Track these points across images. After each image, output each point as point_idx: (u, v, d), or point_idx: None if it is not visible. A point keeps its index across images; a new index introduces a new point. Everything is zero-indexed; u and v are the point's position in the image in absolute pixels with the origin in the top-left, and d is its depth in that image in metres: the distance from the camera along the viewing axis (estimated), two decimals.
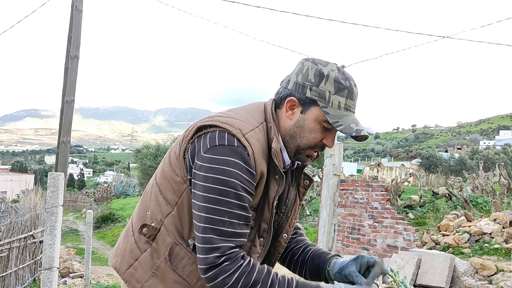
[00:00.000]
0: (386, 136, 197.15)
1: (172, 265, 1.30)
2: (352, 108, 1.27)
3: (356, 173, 43.40)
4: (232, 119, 1.26)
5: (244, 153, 1.20)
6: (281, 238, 1.43)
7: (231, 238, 1.18)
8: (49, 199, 2.89)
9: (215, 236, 1.16)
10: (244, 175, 1.19)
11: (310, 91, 1.26)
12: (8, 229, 6.77)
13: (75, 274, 8.01)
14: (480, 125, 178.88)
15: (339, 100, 1.25)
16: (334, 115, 1.24)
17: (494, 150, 36.80)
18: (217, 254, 1.16)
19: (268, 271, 1.20)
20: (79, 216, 28.64)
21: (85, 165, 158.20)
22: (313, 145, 1.31)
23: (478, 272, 5.91)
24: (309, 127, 1.28)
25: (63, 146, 8.69)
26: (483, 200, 12.20)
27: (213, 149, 1.19)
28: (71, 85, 8.82)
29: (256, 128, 1.27)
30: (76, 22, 8.85)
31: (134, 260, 1.36)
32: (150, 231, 1.33)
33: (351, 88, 1.27)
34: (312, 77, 1.26)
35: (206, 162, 1.19)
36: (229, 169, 1.17)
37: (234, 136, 1.21)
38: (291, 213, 1.44)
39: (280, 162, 1.28)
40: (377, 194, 8.60)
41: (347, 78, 1.27)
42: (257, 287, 1.17)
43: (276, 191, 1.30)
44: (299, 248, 1.53)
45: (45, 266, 2.85)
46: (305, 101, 1.27)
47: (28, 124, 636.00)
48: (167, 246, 1.30)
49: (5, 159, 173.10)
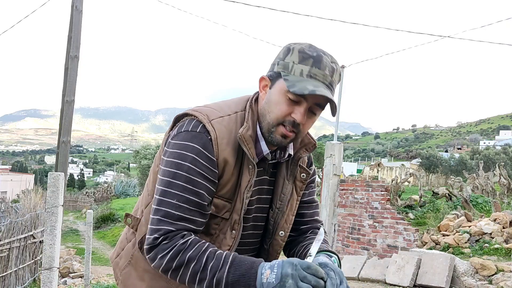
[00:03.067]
0: (386, 136, 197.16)
1: (143, 253, 1.29)
2: (319, 77, 1.18)
3: (356, 173, 43.39)
4: (205, 108, 1.27)
5: (205, 138, 1.19)
6: (278, 236, 1.37)
7: (176, 222, 1.15)
8: (49, 199, 2.89)
9: (160, 217, 1.16)
10: (200, 159, 1.18)
11: (277, 65, 1.23)
12: (8, 229, 6.77)
13: (75, 274, 8.02)
14: (480, 125, 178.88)
15: (301, 68, 1.18)
16: (292, 80, 1.18)
17: (494, 150, 36.80)
18: (156, 236, 1.15)
19: (205, 248, 1.14)
20: (79, 216, 28.63)
21: (85, 165, 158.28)
22: (281, 119, 1.21)
23: (478, 272, 5.91)
24: (275, 99, 1.22)
25: (63, 146, 8.68)
26: (483, 200, 12.19)
27: (178, 135, 1.22)
28: (71, 85, 8.82)
29: (227, 116, 1.25)
30: (76, 22, 8.84)
31: (121, 249, 1.41)
32: (132, 221, 1.36)
33: (318, 58, 1.19)
34: (281, 53, 1.24)
35: (170, 147, 1.22)
36: (185, 153, 1.18)
37: (200, 122, 1.21)
38: (287, 209, 1.37)
39: (251, 149, 1.22)
40: (377, 194, 8.61)
41: (317, 50, 1.20)
42: (192, 265, 1.12)
43: (248, 181, 1.24)
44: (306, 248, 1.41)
45: (45, 266, 2.85)
46: (273, 76, 1.24)
47: (28, 124, 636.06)
48: (141, 235, 1.32)
49: (5, 159, 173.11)
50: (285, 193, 1.36)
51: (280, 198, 1.36)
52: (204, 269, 1.11)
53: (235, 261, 1.10)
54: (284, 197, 1.36)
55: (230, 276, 1.08)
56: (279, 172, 1.37)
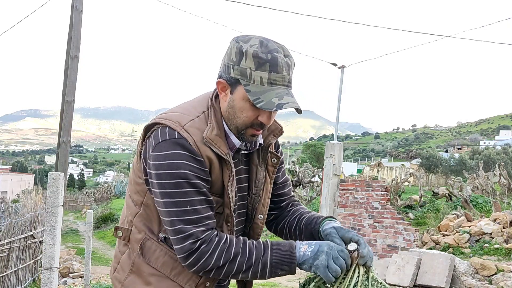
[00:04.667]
0: (386, 136, 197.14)
1: (145, 258, 1.34)
2: (279, 81, 1.22)
3: (356, 173, 43.36)
4: (173, 114, 1.30)
5: (186, 143, 1.23)
6: (257, 219, 1.45)
7: (199, 223, 1.22)
8: (49, 199, 2.89)
9: (184, 225, 1.21)
10: (191, 163, 1.22)
11: (233, 70, 1.24)
12: (8, 229, 6.76)
13: (75, 274, 8.01)
14: (480, 125, 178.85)
15: (260, 75, 1.21)
16: (255, 92, 1.21)
17: (494, 150, 36.79)
18: (192, 240, 1.21)
19: (244, 241, 1.26)
20: (79, 216, 28.62)
21: (85, 165, 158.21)
22: (249, 124, 1.28)
23: (478, 272, 5.91)
24: (239, 106, 1.26)
25: (63, 146, 8.68)
26: (483, 200, 12.19)
27: (158, 146, 1.24)
28: (71, 85, 8.82)
29: (196, 118, 1.29)
30: (76, 22, 8.84)
31: (117, 263, 1.43)
32: (123, 233, 1.40)
33: (274, 61, 1.21)
34: (234, 56, 1.24)
35: (154, 160, 1.24)
36: (174, 161, 1.22)
37: (175, 130, 1.24)
38: (263, 193, 1.44)
39: (221, 147, 1.27)
40: (377, 194, 8.61)
41: (270, 51, 1.21)
42: (238, 258, 1.23)
43: (228, 177, 1.30)
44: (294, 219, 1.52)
45: (45, 266, 2.85)
46: (231, 81, 1.25)
47: (28, 124, 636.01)
48: (138, 242, 1.36)
49: (5, 159, 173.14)
50: (259, 179, 1.44)
51: (255, 184, 1.44)
52: (249, 258, 1.23)
53: (273, 245, 1.25)
54: (259, 183, 1.44)
55: (274, 258, 1.23)
56: (252, 160, 1.44)
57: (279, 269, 1.24)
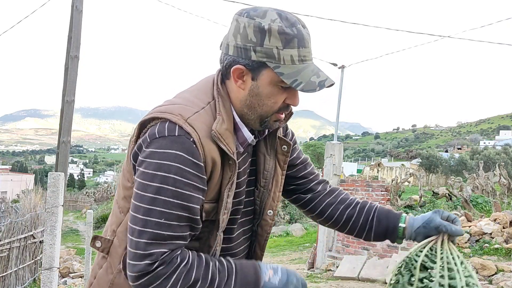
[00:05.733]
0: (386, 136, 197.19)
1: (127, 278, 1.13)
2: (308, 57, 1.09)
3: (356, 173, 43.38)
4: (173, 106, 1.11)
5: (188, 142, 1.04)
6: (267, 216, 1.29)
7: (167, 241, 1.02)
8: (49, 199, 2.89)
9: (148, 240, 1.01)
10: (187, 168, 1.03)
11: (255, 53, 1.06)
12: (8, 229, 6.77)
13: (75, 274, 8.02)
14: (480, 125, 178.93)
15: (290, 53, 1.06)
16: (289, 73, 1.06)
17: (494, 150, 36.80)
18: (149, 262, 1.01)
19: (206, 264, 1.07)
20: (79, 216, 28.63)
21: (85, 165, 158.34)
22: (276, 110, 1.14)
23: (478, 272, 5.91)
24: (266, 92, 1.11)
25: (63, 146, 8.68)
26: (483, 200, 12.20)
27: (153, 142, 1.05)
28: (71, 85, 8.82)
29: (201, 109, 1.10)
30: (76, 22, 8.84)
31: (93, 278, 1.24)
32: (103, 244, 1.21)
33: (300, 35, 1.07)
34: (253, 36, 1.06)
35: (146, 156, 1.05)
36: (168, 163, 1.02)
37: (176, 124, 1.05)
38: (273, 186, 1.28)
39: (230, 144, 1.10)
40: (377, 194, 8.61)
41: (293, 23, 1.07)
42: (198, 285, 1.03)
43: (229, 179, 1.12)
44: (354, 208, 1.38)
45: (45, 266, 2.85)
46: (253, 66, 1.08)
47: (28, 124, 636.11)
48: (119, 257, 1.16)
49: (5, 159, 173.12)
50: (268, 169, 1.27)
51: (263, 176, 1.27)
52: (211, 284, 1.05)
53: (237, 270, 1.09)
54: (268, 174, 1.27)
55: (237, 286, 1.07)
56: (259, 148, 1.27)
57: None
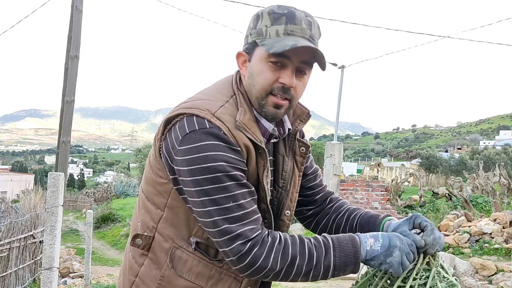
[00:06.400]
0: (386, 136, 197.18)
1: (176, 271, 1.20)
2: (297, 32, 1.11)
3: (356, 173, 43.39)
4: (198, 101, 1.15)
5: (220, 133, 1.08)
6: (284, 216, 1.31)
7: (246, 219, 1.08)
8: (49, 199, 2.89)
9: (229, 224, 1.07)
10: (228, 154, 1.08)
11: (250, 36, 1.16)
12: (8, 229, 6.77)
13: (75, 274, 8.01)
14: (480, 125, 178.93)
15: (276, 28, 1.11)
16: (269, 43, 1.11)
17: (494, 150, 36.81)
18: (241, 241, 1.07)
19: (301, 240, 1.11)
20: (79, 216, 28.62)
21: (85, 165, 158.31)
22: (268, 88, 1.15)
23: (478, 272, 5.91)
24: (257, 69, 1.15)
25: (63, 146, 8.69)
26: (483, 200, 12.20)
27: (186, 139, 1.08)
28: (71, 85, 8.83)
29: (226, 103, 1.15)
30: (76, 22, 8.85)
31: (134, 277, 1.25)
32: (143, 241, 1.23)
33: (290, 14, 1.12)
34: (251, 23, 1.17)
35: (184, 155, 1.08)
36: (210, 153, 1.07)
37: (204, 118, 1.09)
38: (291, 187, 1.31)
39: (255, 133, 1.14)
40: (377, 194, 8.61)
41: (286, 7, 1.13)
42: (297, 261, 1.08)
43: (263, 167, 1.16)
44: (342, 217, 1.39)
45: (45, 266, 2.85)
46: (249, 48, 1.17)
47: (28, 124, 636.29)
48: (166, 252, 1.21)
49: (5, 159, 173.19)
50: (286, 170, 1.30)
51: (282, 177, 1.29)
52: (310, 260, 1.09)
53: (335, 244, 1.11)
54: (286, 175, 1.30)
55: (337, 259, 1.10)
56: (277, 149, 1.30)
57: (342, 270, 1.11)
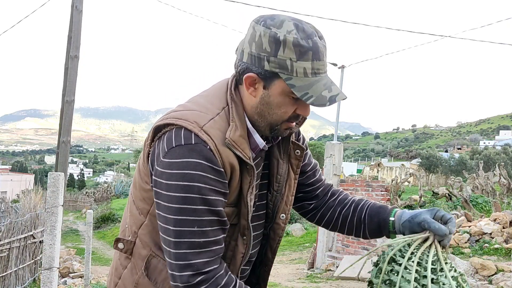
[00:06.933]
0: (386, 136, 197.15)
1: (151, 280, 1.19)
2: (322, 70, 1.09)
3: (356, 173, 43.40)
4: (188, 112, 1.12)
5: (205, 150, 1.05)
6: (279, 219, 1.30)
7: (204, 248, 1.06)
8: (49, 199, 2.89)
9: (187, 250, 1.05)
10: (209, 175, 1.05)
11: (269, 63, 1.06)
12: (8, 229, 6.77)
13: (75, 274, 8.01)
14: (480, 125, 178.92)
15: (304, 66, 1.06)
16: (301, 86, 1.06)
17: (494, 150, 36.82)
18: (192, 273, 1.05)
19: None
20: (79, 216, 28.63)
21: (85, 165, 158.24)
22: (286, 119, 1.14)
23: (478, 272, 5.91)
24: (276, 102, 1.11)
25: (63, 146, 8.69)
26: (483, 200, 12.21)
27: (170, 152, 1.06)
28: (71, 85, 8.83)
29: (216, 116, 1.12)
30: (76, 22, 8.85)
31: (118, 278, 1.27)
32: (125, 246, 1.24)
33: (315, 48, 1.06)
34: (267, 46, 1.06)
35: (165, 167, 1.06)
36: (190, 172, 1.04)
37: (191, 132, 1.06)
38: (286, 190, 1.29)
39: (245, 150, 1.11)
40: (377, 194, 8.61)
41: (309, 35, 1.06)
42: None
43: (249, 183, 1.14)
44: (349, 208, 1.39)
45: (45, 266, 2.86)
46: (266, 75, 1.08)
47: (28, 124, 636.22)
48: (143, 259, 1.20)
49: (5, 159, 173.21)
50: (281, 174, 1.29)
51: (277, 180, 1.28)
52: None
53: None
54: (281, 178, 1.29)
55: None
56: (272, 153, 1.28)
57: None
